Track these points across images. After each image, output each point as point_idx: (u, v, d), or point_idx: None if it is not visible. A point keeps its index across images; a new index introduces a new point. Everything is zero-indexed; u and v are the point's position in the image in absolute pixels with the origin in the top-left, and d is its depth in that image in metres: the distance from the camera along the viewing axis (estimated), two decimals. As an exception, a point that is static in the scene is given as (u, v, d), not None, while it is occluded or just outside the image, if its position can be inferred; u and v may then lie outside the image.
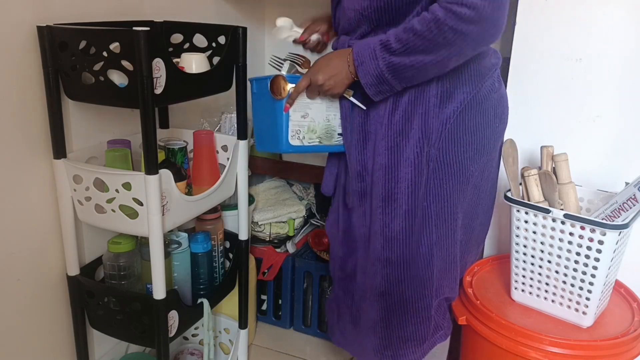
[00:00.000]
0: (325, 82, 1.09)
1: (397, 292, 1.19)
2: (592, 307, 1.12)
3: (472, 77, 1.10)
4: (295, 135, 1.14)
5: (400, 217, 1.14)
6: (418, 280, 1.18)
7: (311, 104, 1.15)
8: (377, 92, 1.07)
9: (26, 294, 1.15)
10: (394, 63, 1.01)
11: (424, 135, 1.10)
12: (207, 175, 1.29)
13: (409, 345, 1.24)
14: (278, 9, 1.96)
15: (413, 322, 1.22)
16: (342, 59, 1.08)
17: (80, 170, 1.11)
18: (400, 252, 1.16)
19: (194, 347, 1.59)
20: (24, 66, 1.07)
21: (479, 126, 1.13)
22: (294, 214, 1.78)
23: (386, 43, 1.01)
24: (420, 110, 1.09)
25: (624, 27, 1.23)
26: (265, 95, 1.15)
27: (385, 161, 1.13)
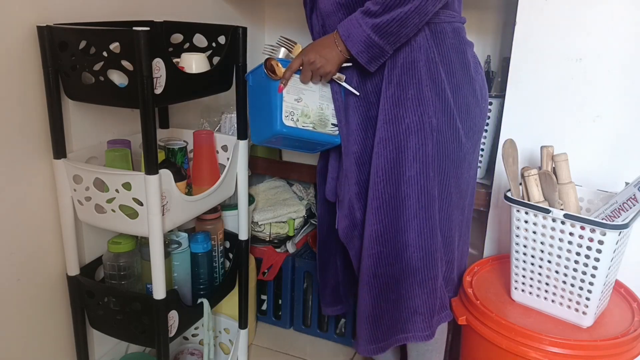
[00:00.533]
0: (316, 59, 1.13)
1: (405, 259, 1.20)
2: (592, 307, 1.12)
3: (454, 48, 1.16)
4: (289, 116, 1.16)
5: (405, 184, 1.16)
6: (426, 248, 1.19)
7: (305, 89, 1.18)
8: (370, 59, 1.11)
9: (26, 294, 1.15)
10: (378, 23, 1.06)
11: (420, 104, 1.13)
12: (207, 175, 1.29)
13: (417, 319, 1.24)
14: (278, 9, 1.96)
15: (421, 293, 1.22)
16: (330, 40, 1.14)
17: (80, 170, 1.11)
18: (405, 219, 1.17)
19: (194, 347, 1.59)
20: (24, 66, 1.07)
21: (471, 104, 1.19)
22: (294, 214, 1.78)
23: (366, 10, 1.07)
24: (414, 81, 1.13)
25: (624, 27, 1.23)
26: (260, 83, 1.19)
27: (385, 134, 1.15)
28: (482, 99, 1.23)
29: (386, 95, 1.15)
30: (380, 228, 1.19)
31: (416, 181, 1.15)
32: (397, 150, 1.15)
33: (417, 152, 1.14)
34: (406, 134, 1.14)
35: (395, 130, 1.14)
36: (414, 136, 1.14)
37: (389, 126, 1.15)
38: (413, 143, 1.14)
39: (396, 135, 1.14)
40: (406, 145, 1.14)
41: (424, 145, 1.14)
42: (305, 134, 1.19)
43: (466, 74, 1.17)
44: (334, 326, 1.78)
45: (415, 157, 1.14)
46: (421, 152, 1.14)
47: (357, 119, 1.20)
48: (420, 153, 1.14)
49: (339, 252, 1.44)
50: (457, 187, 1.21)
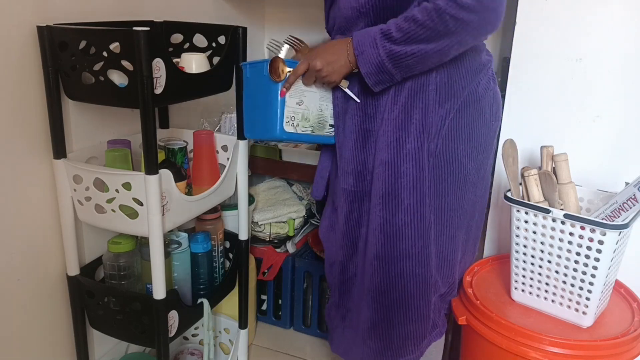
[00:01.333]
0: (323, 67, 1.08)
1: (398, 289, 1.19)
2: (592, 307, 1.12)
3: (469, 73, 1.12)
4: (290, 121, 1.12)
5: (402, 212, 1.14)
6: (420, 276, 1.18)
7: (306, 91, 1.14)
8: (377, 82, 1.07)
9: (26, 294, 1.15)
10: (395, 52, 1.01)
11: (424, 130, 1.10)
12: (207, 175, 1.29)
13: (409, 344, 1.24)
14: (278, 9, 1.96)
15: (414, 320, 1.22)
16: (341, 47, 1.08)
17: (80, 170, 1.11)
18: (401, 247, 1.16)
19: (194, 347, 1.59)
20: (24, 66, 1.07)
21: (476, 123, 1.14)
22: (294, 214, 1.79)
23: (387, 32, 1.01)
24: (420, 105, 1.09)
25: (624, 27, 1.23)
26: (259, 79, 1.13)
27: (387, 157, 1.12)
28: (492, 116, 1.18)
29: (390, 117, 1.11)
30: (378, 251, 1.18)
31: (415, 209, 1.13)
32: (396, 176, 1.12)
33: (416, 181, 1.12)
34: (406, 160, 1.11)
35: (396, 154, 1.11)
36: (413, 163, 1.11)
37: (389, 150, 1.12)
38: (412, 171, 1.11)
39: (397, 160, 1.12)
40: (405, 172, 1.12)
41: (420, 171, 1.11)
42: (302, 138, 1.17)
43: (474, 93, 1.13)
44: (334, 326, 1.78)
45: (414, 185, 1.12)
46: (419, 179, 1.12)
47: (352, 128, 1.17)
48: (418, 181, 1.12)
49: None
50: (459, 209, 1.19)
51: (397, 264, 1.17)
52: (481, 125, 1.16)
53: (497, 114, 1.21)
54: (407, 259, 1.17)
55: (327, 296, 1.76)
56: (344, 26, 1.14)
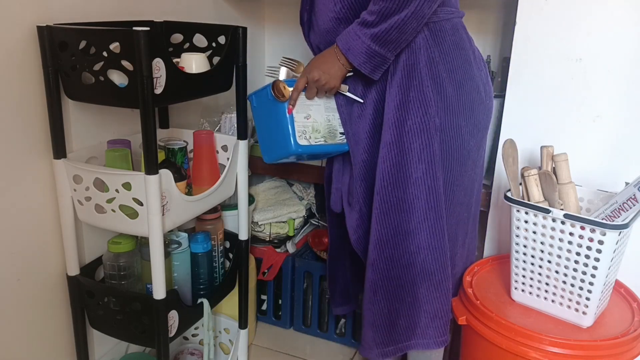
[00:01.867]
0: (321, 77, 1.14)
1: (419, 263, 1.19)
2: (592, 307, 1.12)
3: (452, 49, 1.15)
4: (302, 135, 1.17)
5: (412, 186, 1.15)
6: (437, 249, 1.18)
7: (311, 105, 1.19)
8: (373, 68, 1.11)
9: (26, 294, 1.15)
10: (376, 33, 1.06)
11: (422, 105, 1.12)
12: (207, 175, 1.29)
13: (438, 324, 1.24)
14: (278, 9, 1.96)
15: (439, 296, 1.22)
16: (330, 53, 1.14)
17: (80, 170, 1.11)
18: (415, 221, 1.16)
19: (194, 347, 1.59)
20: (24, 66, 1.07)
21: (474, 102, 1.18)
22: (294, 214, 1.79)
23: (362, 21, 1.07)
24: (415, 82, 1.12)
25: (624, 27, 1.23)
26: (266, 104, 1.19)
27: (390, 138, 1.14)
28: (487, 96, 1.22)
29: (388, 100, 1.14)
30: (391, 231, 1.18)
31: (423, 182, 1.15)
32: (402, 153, 1.14)
33: (421, 153, 1.13)
34: (409, 136, 1.13)
35: (398, 133, 1.14)
36: (417, 137, 1.13)
37: (392, 130, 1.14)
38: (417, 144, 1.13)
39: (400, 138, 1.14)
40: (410, 147, 1.14)
41: (428, 146, 1.13)
42: (318, 149, 1.20)
43: (468, 71, 1.16)
44: (334, 326, 1.78)
45: (420, 159, 1.14)
46: (426, 152, 1.13)
47: (366, 127, 1.20)
48: (425, 154, 1.13)
49: (348, 253, 1.44)
50: (461, 185, 1.21)
51: (414, 238, 1.17)
52: (479, 104, 1.19)
53: (491, 94, 1.24)
54: (423, 232, 1.17)
55: (327, 296, 1.76)
56: (328, 41, 1.19)
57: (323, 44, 1.20)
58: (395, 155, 1.15)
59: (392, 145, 1.14)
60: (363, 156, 1.21)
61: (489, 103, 1.24)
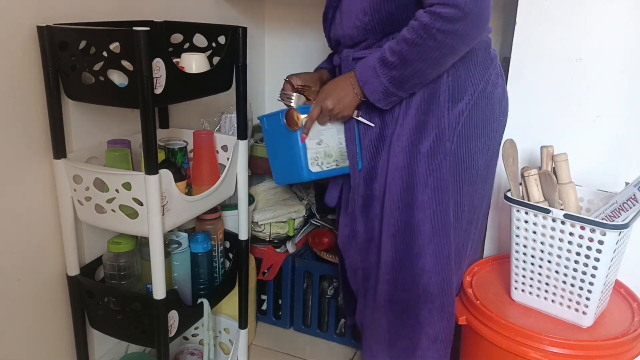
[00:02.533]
0: (335, 106, 1.13)
1: (422, 285, 1.19)
2: (592, 307, 1.12)
3: (478, 69, 1.13)
4: (314, 162, 1.19)
5: (418, 209, 1.14)
6: (442, 274, 1.18)
7: (323, 130, 1.20)
8: (387, 104, 1.12)
9: (26, 294, 1.15)
10: (395, 77, 1.05)
11: (439, 131, 1.11)
12: (207, 175, 1.29)
13: (439, 347, 1.24)
14: (278, 9, 1.96)
15: (440, 319, 1.22)
16: (346, 83, 1.14)
17: (80, 170, 1.11)
18: (422, 244, 1.16)
19: (194, 347, 1.59)
20: (24, 66, 1.07)
21: (488, 120, 1.16)
22: (294, 214, 1.79)
23: (383, 59, 1.05)
24: (433, 107, 1.11)
25: (624, 27, 1.23)
26: (278, 129, 1.20)
27: (402, 162, 1.14)
28: (501, 112, 1.20)
29: (404, 122, 1.13)
30: (395, 255, 1.19)
31: (429, 206, 1.14)
32: (411, 177, 1.14)
33: (428, 178, 1.13)
34: (418, 159, 1.13)
35: (411, 158, 1.13)
36: (426, 161, 1.12)
37: (404, 154, 1.13)
38: (424, 169, 1.12)
39: (411, 163, 1.13)
40: (417, 170, 1.13)
41: (436, 171, 1.12)
42: (331, 174, 1.22)
43: (484, 90, 1.14)
44: (334, 326, 1.78)
45: (426, 183, 1.13)
46: (433, 177, 1.12)
47: (370, 136, 1.19)
48: (432, 178, 1.13)
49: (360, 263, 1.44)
50: (471, 205, 1.20)
51: (419, 261, 1.17)
52: (492, 121, 1.18)
53: (506, 109, 1.23)
54: (427, 255, 1.17)
55: (327, 296, 1.76)
56: (350, 43, 1.18)
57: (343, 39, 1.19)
58: (406, 179, 1.14)
59: (404, 170, 1.14)
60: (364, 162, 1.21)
61: (503, 119, 1.22)
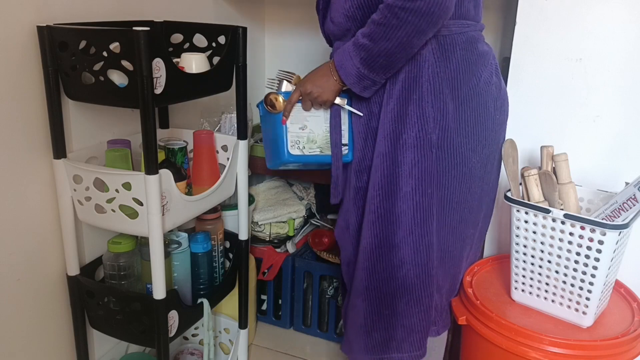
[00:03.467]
0: (313, 89, 1.16)
1: (400, 277, 1.19)
2: (592, 307, 1.12)
3: (463, 64, 1.12)
4: (295, 145, 1.22)
5: (400, 200, 1.14)
6: (420, 265, 1.18)
7: (309, 116, 1.22)
8: (363, 89, 1.13)
9: (26, 294, 1.15)
10: (364, 58, 1.07)
11: (419, 121, 1.12)
12: (207, 175, 1.29)
13: (414, 338, 1.23)
14: (278, 9, 1.96)
15: (416, 312, 1.21)
16: (326, 68, 1.16)
17: (80, 170, 1.11)
18: (400, 235, 1.16)
19: (194, 347, 1.59)
20: (24, 66, 1.07)
21: (480, 117, 1.15)
22: (294, 214, 1.79)
23: (355, 41, 1.08)
24: (414, 97, 1.11)
25: (624, 27, 1.23)
26: (266, 114, 1.24)
27: (384, 149, 1.14)
28: (497, 110, 1.19)
29: (386, 110, 1.14)
30: (375, 242, 1.18)
31: (411, 197, 1.14)
32: (394, 166, 1.14)
33: (413, 169, 1.13)
34: (403, 149, 1.12)
35: (393, 145, 1.13)
36: (410, 152, 1.12)
37: (387, 141, 1.14)
38: (409, 159, 1.12)
39: (394, 151, 1.13)
40: (402, 160, 1.13)
41: (421, 162, 1.12)
42: (312, 159, 1.24)
43: (474, 87, 1.13)
44: (334, 326, 1.78)
45: (410, 173, 1.13)
46: (417, 168, 1.12)
47: (359, 128, 1.20)
48: (416, 169, 1.12)
49: None
50: (465, 203, 1.19)
51: (398, 252, 1.17)
52: (485, 119, 1.16)
53: (503, 107, 1.21)
54: (407, 247, 1.17)
55: (327, 296, 1.76)
56: (338, 34, 1.20)
57: (335, 35, 1.22)
58: (387, 167, 1.14)
59: (386, 157, 1.14)
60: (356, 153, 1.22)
61: (500, 117, 1.21)
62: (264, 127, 1.29)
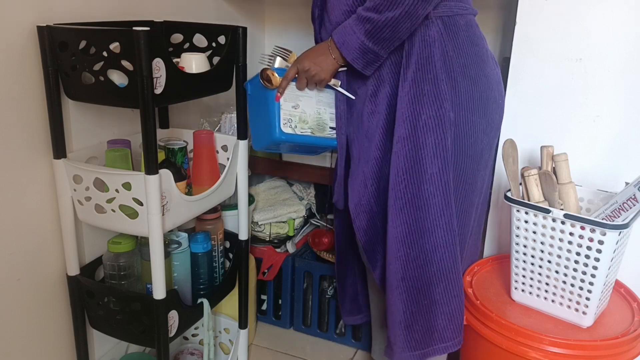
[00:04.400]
0: (310, 67, 1.15)
1: (436, 262, 1.17)
2: (592, 307, 1.12)
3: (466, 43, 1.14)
4: (287, 123, 1.20)
5: (427, 182, 1.13)
6: (452, 246, 1.16)
7: (301, 96, 1.21)
8: (365, 64, 1.12)
9: (26, 294, 1.15)
10: (369, 29, 1.07)
11: (437, 99, 1.11)
12: (207, 175, 1.29)
13: (455, 326, 1.21)
14: (278, 9, 1.96)
15: (454, 296, 1.19)
16: (324, 46, 1.16)
17: (80, 170, 1.11)
18: (431, 218, 1.14)
19: (194, 347, 1.59)
20: (24, 66, 1.07)
21: (488, 100, 1.17)
22: (294, 214, 1.79)
23: (358, 15, 1.08)
24: (429, 76, 1.11)
25: (623, 27, 1.22)
26: (258, 91, 1.22)
27: (404, 132, 1.12)
28: (499, 95, 1.21)
29: (402, 94, 1.12)
30: (405, 229, 1.15)
31: (439, 178, 1.12)
32: (416, 148, 1.12)
33: (436, 149, 1.11)
34: (424, 131, 1.11)
35: (413, 127, 1.11)
36: (431, 132, 1.11)
37: (407, 124, 1.12)
38: (432, 139, 1.11)
39: (414, 133, 1.11)
40: (425, 142, 1.11)
41: (442, 141, 1.11)
42: (303, 139, 1.22)
43: (482, 68, 1.15)
44: (334, 326, 1.78)
45: (435, 154, 1.11)
46: (440, 147, 1.11)
47: (380, 123, 1.17)
48: (439, 149, 1.11)
49: (357, 260, 1.43)
50: (473, 185, 1.19)
51: (431, 236, 1.15)
52: (492, 102, 1.19)
53: (502, 94, 1.24)
54: (439, 229, 1.15)
55: (327, 296, 1.76)
56: None
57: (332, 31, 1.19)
58: (409, 150, 1.12)
59: (407, 140, 1.12)
60: (376, 153, 1.19)
61: (502, 103, 1.23)
62: (253, 105, 1.27)
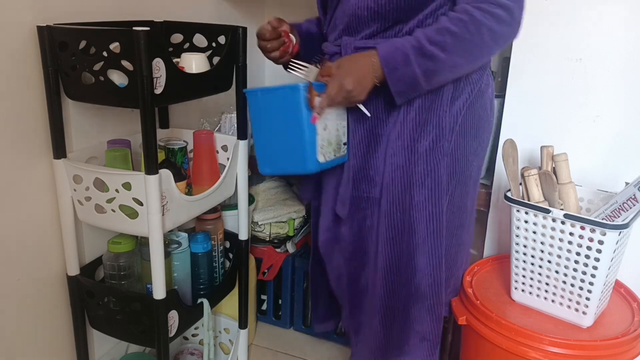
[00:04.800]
0: (354, 88, 0.99)
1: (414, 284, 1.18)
2: (592, 307, 1.12)
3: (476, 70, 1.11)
4: (320, 150, 1.00)
5: (413, 209, 1.13)
6: (434, 275, 1.17)
7: (328, 113, 1.03)
8: (405, 97, 1.04)
9: (26, 294, 1.15)
10: (430, 68, 0.96)
11: (439, 129, 1.09)
12: (207, 175, 1.29)
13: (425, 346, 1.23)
14: (278, 9, 1.96)
15: (430, 320, 1.21)
16: (366, 63, 1.00)
17: (80, 170, 1.11)
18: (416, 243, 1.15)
19: (194, 347, 1.59)
20: (24, 66, 1.07)
21: (481, 120, 1.15)
22: (294, 214, 1.79)
23: (421, 47, 0.96)
24: (435, 105, 1.08)
25: (624, 27, 1.23)
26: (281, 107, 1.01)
27: (402, 161, 1.11)
28: (491, 111, 1.19)
29: (406, 120, 1.09)
30: (395, 257, 1.17)
31: (424, 207, 1.12)
32: (408, 175, 1.12)
33: (426, 178, 1.11)
34: (415, 159, 1.11)
35: (410, 156, 1.11)
36: (423, 161, 1.10)
37: (406, 152, 1.10)
38: (422, 168, 1.10)
39: (410, 162, 1.11)
40: (415, 170, 1.11)
41: (434, 171, 1.10)
42: (328, 165, 1.06)
43: (481, 88, 1.13)
44: (334, 326, 1.78)
45: (424, 184, 1.11)
46: (430, 178, 1.11)
47: (362, 133, 1.14)
48: (429, 179, 1.11)
49: None
50: (463, 207, 1.20)
51: (412, 260, 1.16)
52: (484, 121, 1.17)
53: (494, 110, 1.22)
54: (421, 256, 1.15)
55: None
56: (353, 27, 1.09)
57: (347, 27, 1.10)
58: (405, 179, 1.12)
59: (404, 169, 1.11)
60: (352, 161, 1.17)
61: (492, 120, 1.22)
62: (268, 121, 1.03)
